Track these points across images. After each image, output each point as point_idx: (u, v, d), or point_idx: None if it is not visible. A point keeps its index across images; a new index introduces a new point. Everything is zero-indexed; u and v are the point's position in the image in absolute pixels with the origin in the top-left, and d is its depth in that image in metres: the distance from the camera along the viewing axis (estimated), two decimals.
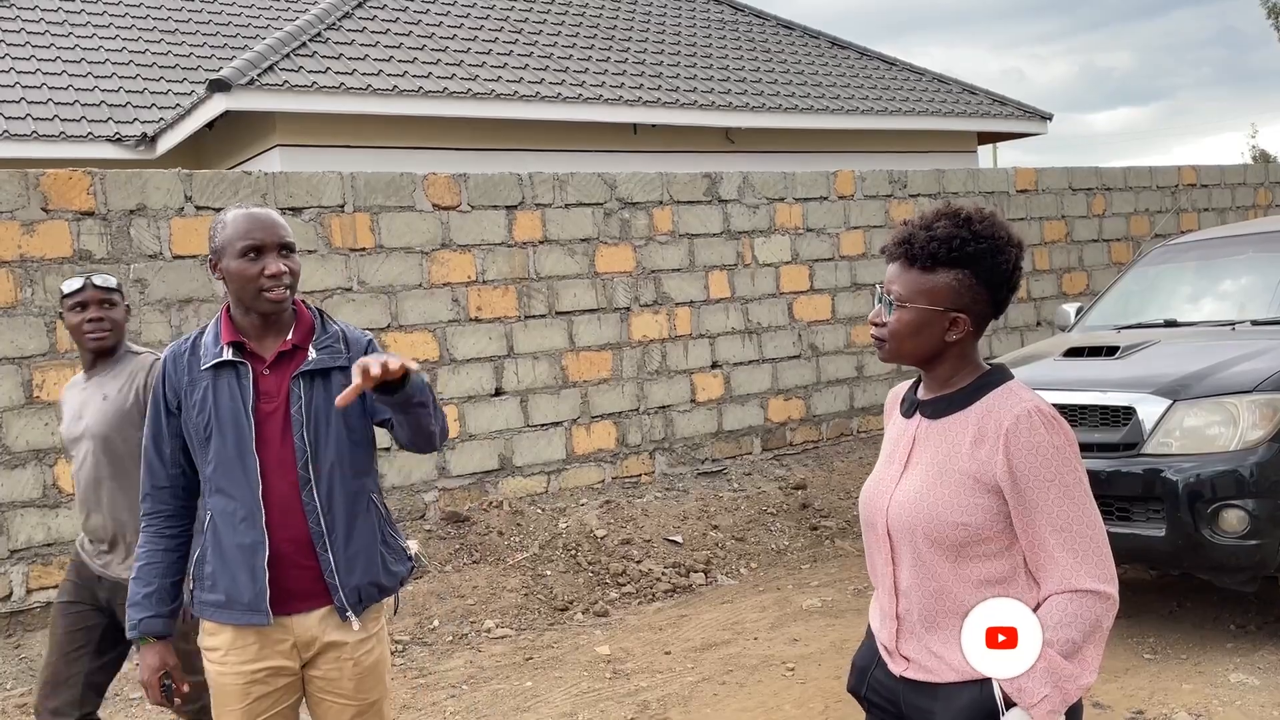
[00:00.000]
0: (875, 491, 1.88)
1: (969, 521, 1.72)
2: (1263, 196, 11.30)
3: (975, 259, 1.76)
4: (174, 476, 2.34)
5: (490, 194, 6.67)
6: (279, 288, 2.24)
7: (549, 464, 6.85)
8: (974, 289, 1.77)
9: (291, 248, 2.29)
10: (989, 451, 1.72)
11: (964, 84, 13.18)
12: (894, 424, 1.95)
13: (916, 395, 1.91)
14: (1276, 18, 27.07)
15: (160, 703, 2.37)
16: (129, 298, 5.51)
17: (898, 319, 1.80)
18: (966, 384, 1.81)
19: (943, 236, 1.76)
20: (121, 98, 10.11)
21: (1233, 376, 4.24)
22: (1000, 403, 1.75)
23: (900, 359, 1.84)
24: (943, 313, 1.77)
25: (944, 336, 1.79)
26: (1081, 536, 1.67)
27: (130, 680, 4.71)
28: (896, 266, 1.82)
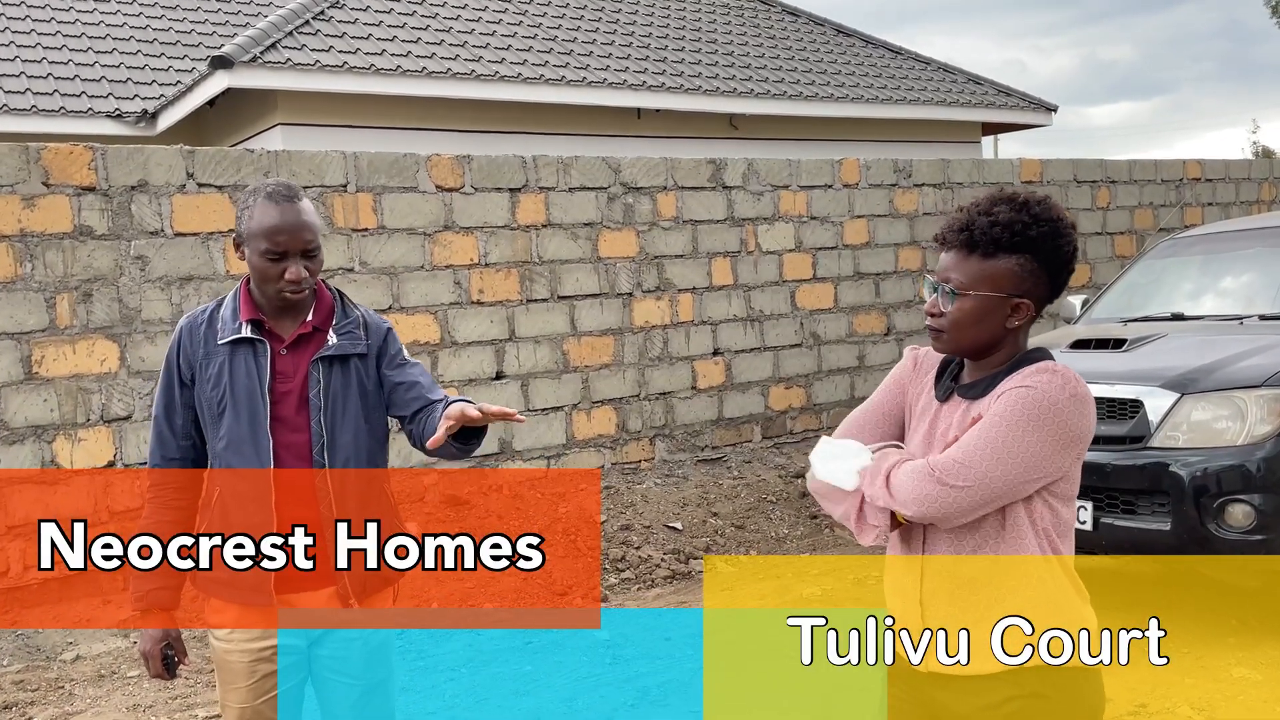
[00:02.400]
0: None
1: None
2: (1267, 191, 11.28)
3: (1036, 243, 1.76)
4: (185, 448, 2.31)
5: (494, 176, 6.62)
6: (297, 291, 2.22)
7: (549, 448, 6.82)
8: (1035, 273, 1.77)
9: (316, 247, 2.24)
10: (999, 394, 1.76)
11: (969, 74, 13.12)
12: (925, 401, 1.92)
13: (954, 382, 1.88)
14: None
15: (160, 674, 2.34)
16: (129, 275, 5.49)
17: (959, 308, 1.78)
18: (1010, 364, 1.81)
19: (1004, 221, 1.76)
20: (122, 73, 10.04)
21: (1241, 371, 4.22)
22: (1032, 369, 1.76)
23: (959, 350, 1.83)
24: (1005, 299, 1.77)
25: (1005, 323, 1.79)
26: (969, 452, 1.70)
27: (128, 659, 4.70)
28: (954, 255, 1.81)
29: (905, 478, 1.75)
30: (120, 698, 4.35)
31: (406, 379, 2.33)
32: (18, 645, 4.92)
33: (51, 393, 5.30)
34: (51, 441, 5.31)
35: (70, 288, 5.35)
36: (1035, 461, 1.71)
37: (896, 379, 1.99)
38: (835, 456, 1.84)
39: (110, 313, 5.45)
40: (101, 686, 4.45)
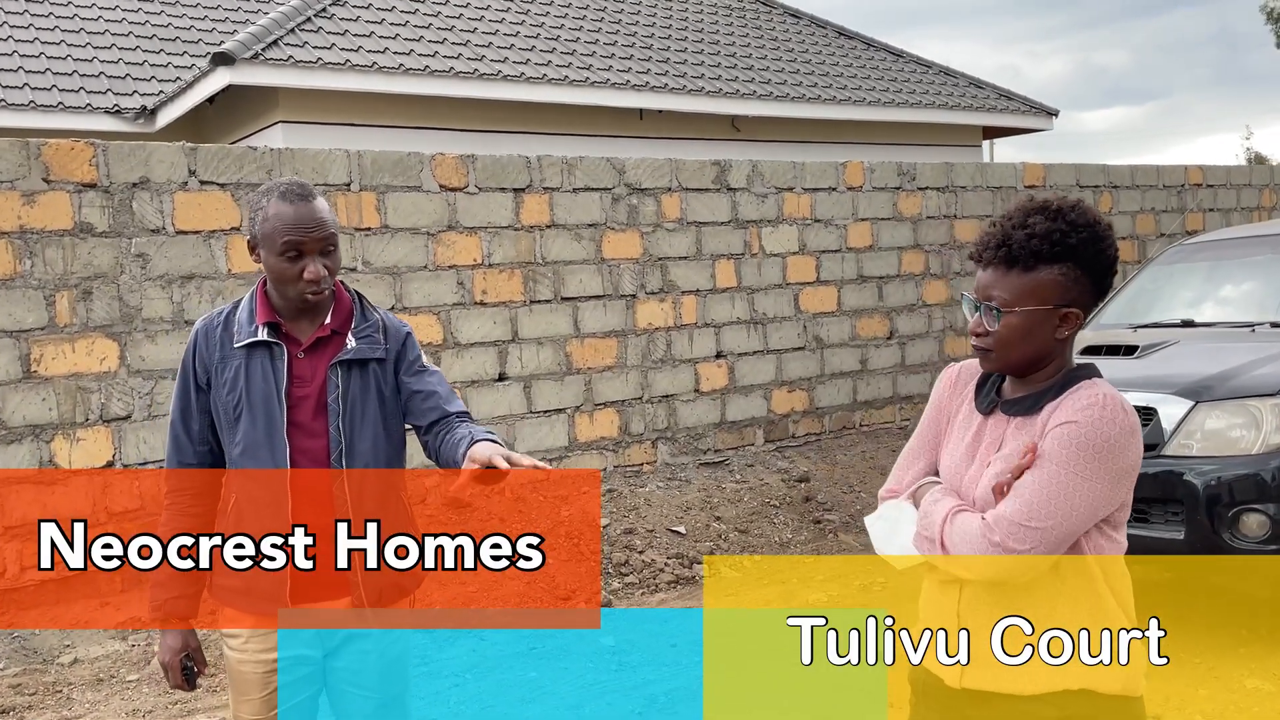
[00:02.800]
0: (960, 474, 1.82)
1: None
2: (1267, 198, 11.27)
3: (1077, 250, 1.72)
4: (201, 454, 2.27)
5: (498, 176, 6.57)
6: (317, 290, 2.16)
7: (551, 451, 6.77)
8: (1079, 281, 1.74)
9: (334, 243, 2.20)
10: (1055, 423, 1.71)
11: (970, 77, 13.10)
12: (965, 414, 1.88)
13: (996, 393, 1.84)
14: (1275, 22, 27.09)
15: (180, 685, 2.29)
16: (129, 273, 5.42)
17: (1006, 325, 1.74)
18: (1056, 379, 1.77)
19: (1042, 232, 1.72)
20: (121, 69, 9.97)
21: (1256, 379, 4.19)
22: (1084, 391, 1.72)
23: (1009, 367, 1.79)
24: (1052, 310, 1.73)
25: (1054, 335, 1.75)
26: (1029, 508, 1.65)
27: (127, 662, 4.64)
28: (993, 272, 1.76)
29: (963, 540, 1.70)
30: (119, 702, 4.29)
31: (425, 387, 2.28)
32: (14, 648, 4.86)
33: (50, 392, 5.23)
34: (50, 441, 5.25)
35: (70, 285, 5.29)
36: (1095, 504, 1.67)
37: (936, 404, 1.96)
38: (889, 535, 1.83)
39: (110, 311, 5.39)
40: (100, 691, 4.39)
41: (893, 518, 1.85)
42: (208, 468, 2.28)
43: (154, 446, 5.47)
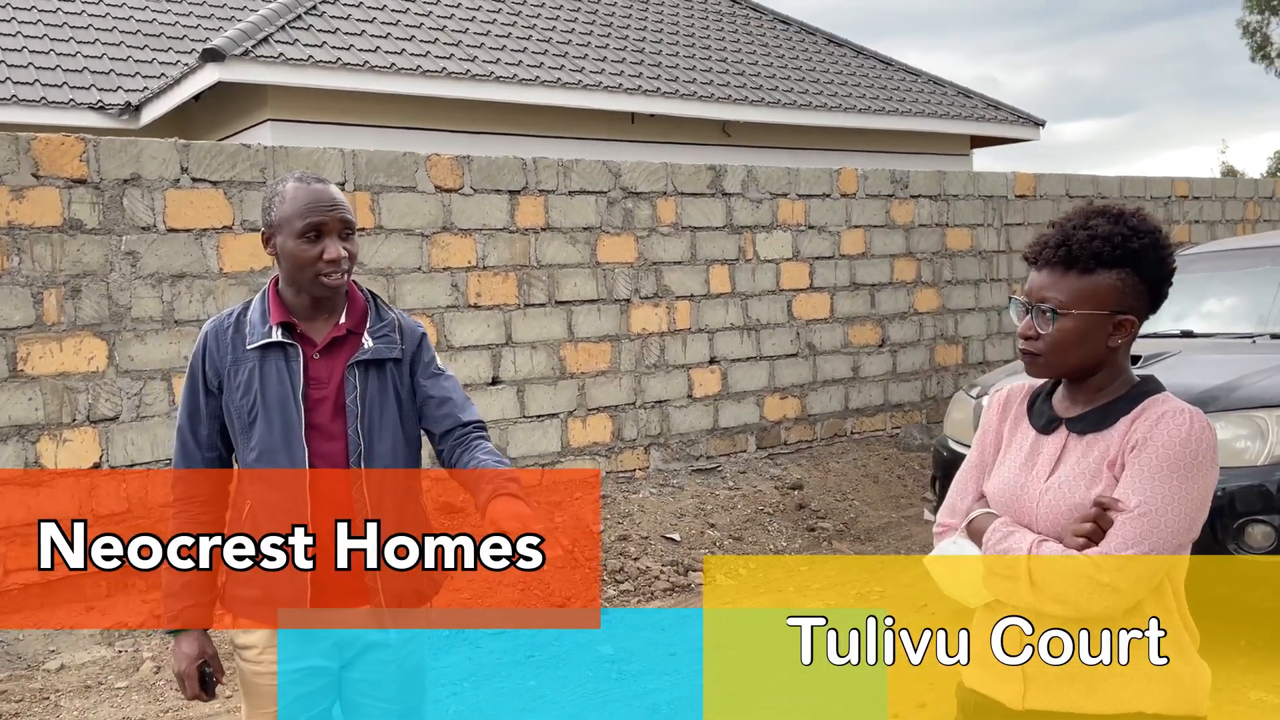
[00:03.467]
0: (1018, 495, 1.76)
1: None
2: (1251, 210, 11.37)
3: (1138, 255, 1.69)
4: (210, 460, 2.19)
5: (493, 177, 6.51)
6: (337, 273, 2.09)
7: (544, 456, 6.71)
8: (1137, 288, 1.70)
9: (353, 227, 2.14)
10: (1132, 443, 1.67)
11: (959, 87, 13.15)
12: (1020, 434, 1.83)
13: (1052, 409, 1.79)
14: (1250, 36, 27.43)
15: (199, 695, 2.21)
16: (119, 271, 5.32)
17: (1059, 329, 1.70)
18: (1122, 394, 1.73)
19: (1104, 235, 1.69)
20: (105, 64, 9.83)
21: (1261, 390, 4.19)
22: (1159, 406, 1.69)
23: (1060, 373, 1.75)
24: (1108, 316, 1.69)
25: (1108, 342, 1.70)
26: (1138, 524, 1.58)
27: (115, 669, 4.54)
28: (1049, 273, 1.72)
29: (1061, 578, 1.62)
30: (109, 710, 4.19)
31: (440, 393, 2.23)
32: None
33: (37, 391, 5.12)
34: (35, 442, 5.13)
35: (58, 283, 5.18)
36: (1193, 524, 1.64)
37: (988, 429, 1.90)
38: (952, 574, 1.76)
39: (99, 310, 5.29)
40: (89, 698, 4.29)
41: (953, 554, 1.79)
42: (216, 474, 2.22)
43: (141, 448, 5.37)
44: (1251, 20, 27.18)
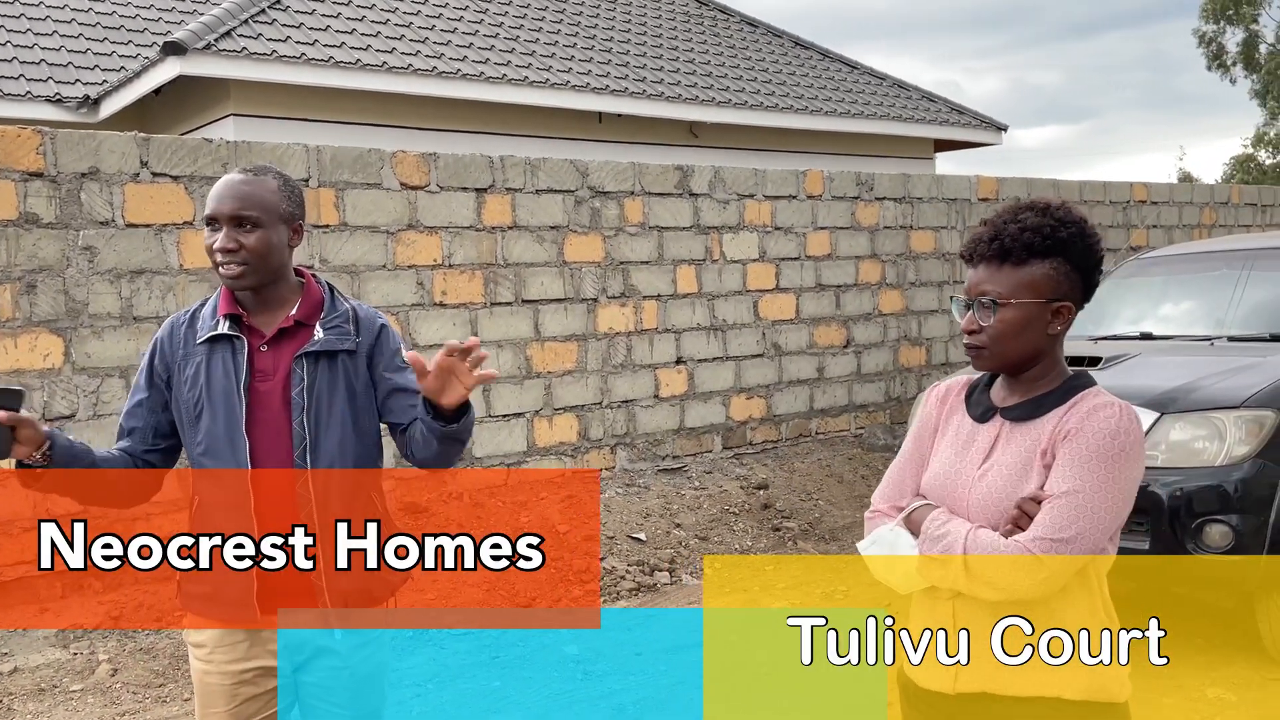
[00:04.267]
0: (952, 483, 1.82)
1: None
2: (1208, 216, 11.56)
3: (1067, 245, 1.77)
4: (149, 453, 2.18)
5: (460, 175, 6.46)
6: (228, 264, 2.07)
7: (509, 455, 6.67)
8: (1069, 275, 1.78)
9: (251, 221, 2.07)
10: (1064, 432, 1.73)
11: (923, 91, 13.26)
12: (956, 424, 1.89)
13: (990, 400, 1.85)
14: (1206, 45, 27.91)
15: None
16: (76, 266, 5.22)
17: (1000, 319, 1.76)
18: (1056, 386, 1.79)
19: (1033, 226, 1.76)
20: (63, 57, 9.65)
21: (1220, 391, 4.25)
22: (1090, 399, 1.75)
23: (1003, 364, 1.80)
24: (1046, 304, 1.76)
25: (1047, 330, 1.77)
26: (1066, 509, 1.65)
27: (70, 672, 4.45)
28: (985, 268, 1.80)
29: (993, 561, 1.68)
30: (63, 713, 4.10)
31: (407, 384, 2.18)
32: None
33: None
34: None
35: (13, 278, 5.08)
36: (1120, 511, 1.70)
37: (924, 422, 1.96)
38: (888, 560, 1.82)
39: (55, 305, 5.18)
40: (43, 701, 4.20)
41: (889, 541, 1.83)
42: (153, 466, 2.19)
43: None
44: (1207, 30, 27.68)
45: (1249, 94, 27.89)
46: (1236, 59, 27.41)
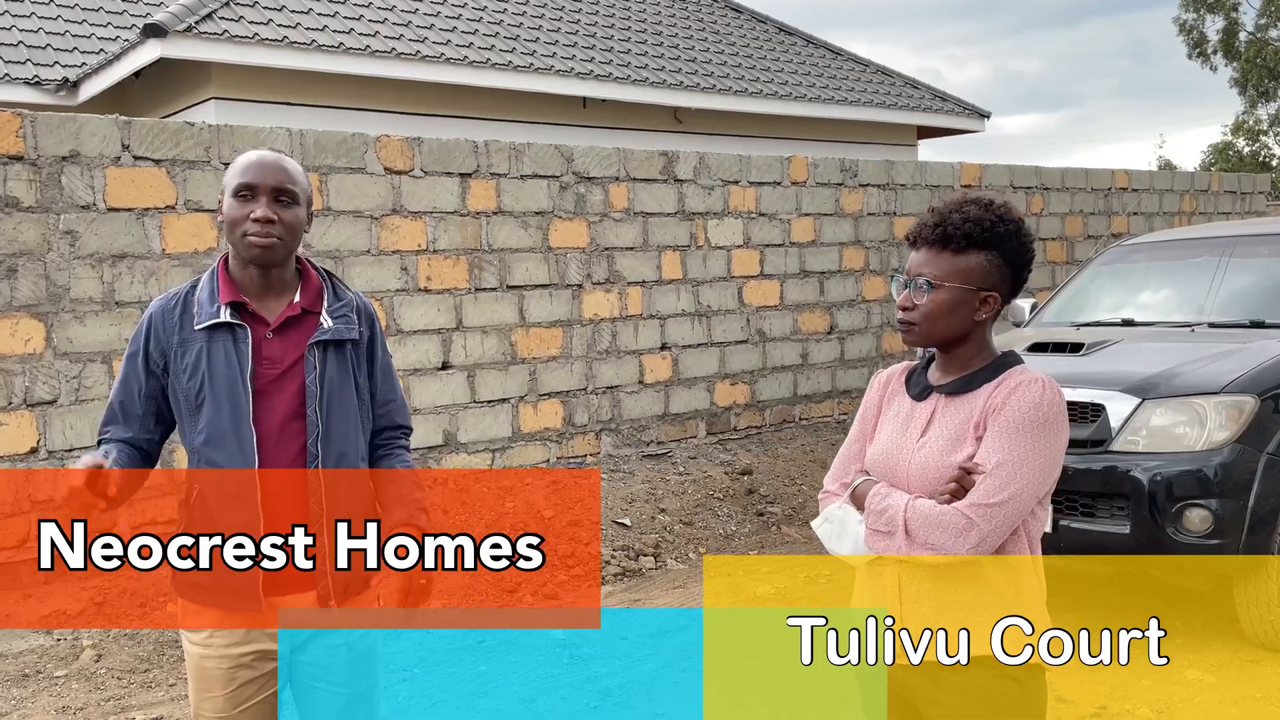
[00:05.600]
0: (893, 457, 1.95)
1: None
2: (1188, 203, 11.65)
3: (1003, 240, 1.90)
4: (146, 441, 2.14)
5: (444, 160, 6.44)
6: (264, 235, 2.04)
7: (494, 441, 6.67)
8: (1001, 268, 1.91)
9: (291, 196, 2.09)
10: (993, 407, 1.87)
11: (906, 77, 13.28)
12: (896, 404, 2.04)
13: (927, 380, 2.00)
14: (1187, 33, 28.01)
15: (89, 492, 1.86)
16: (57, 250, 5.18)
17: (932, 300, 1.90)
18: (986, 364, 1.93)
19: (975, 218, 1.89)
20: (41, 39, 9.54)
21: (1200, 377, 4.29)
22: (1016, 376, 1.89)
23: (930, 341, 1.94)
24: (975, 291, 1.90)
25: (974, 315, 1.91)
26: (997, 477, 1.79)
27: (54, 657, 4.43)
28: (926, 252, 1.93)
29: (932, 526, 1.81)
30: (48, 699, 4.09)
31: (385, 392, 2.27)
32: None
33: None
34: None
35: None
36: (1047, 474, 1.83)
37: (868, 406, 2.10)
38: (838, 535, 1.96)
39: (36, 290, 5.14)
40: (26, 687, 4.18)
41: (838, 518, 1.98)
42: (141, 454, 2.14)
43: (81, 432, 5.24)
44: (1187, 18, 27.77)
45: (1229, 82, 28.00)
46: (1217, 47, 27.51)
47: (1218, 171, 14.20)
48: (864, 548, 1.90)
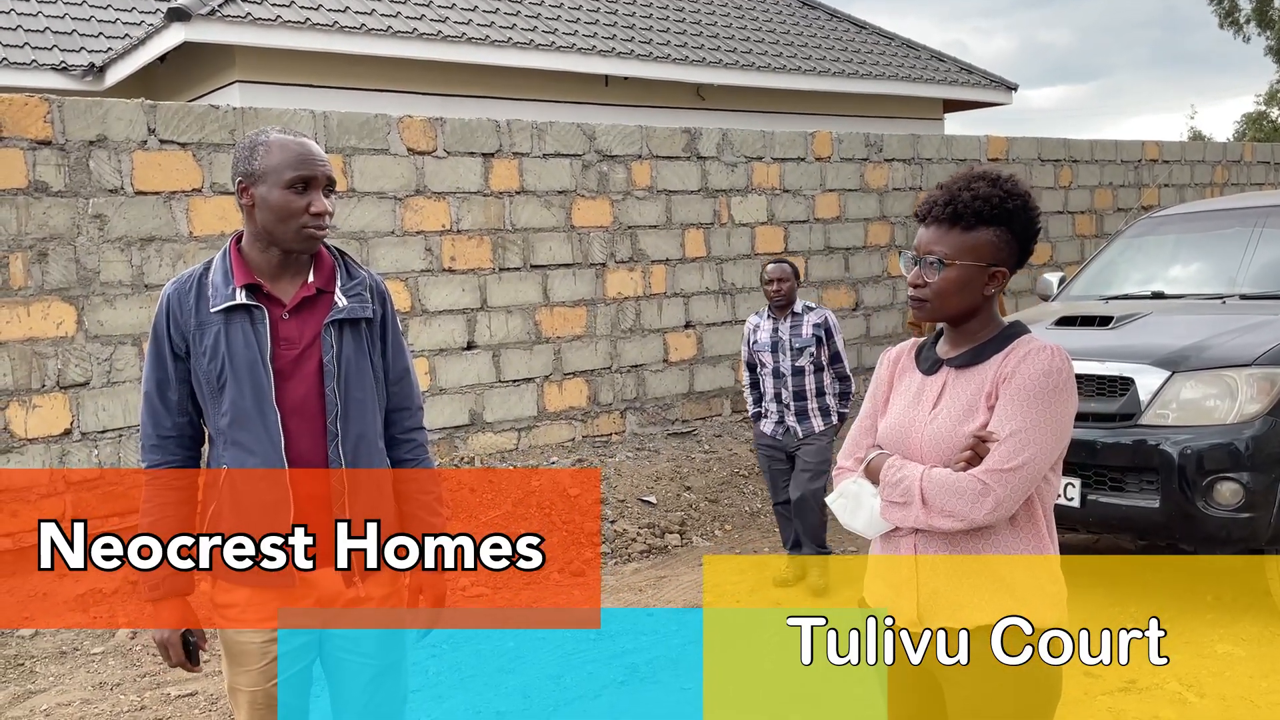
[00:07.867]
0: (905, 430, 1.96)
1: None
2: (1220, 174, 11.47)
3: (1012, 215, 1.91)
4: (181, 425, 2.15)
5: (467, 140, 6.44)
6: (321, 229, 2.08)
7: (520, 420, 6.70)
8: (1010, 244, 1.93)
9: (335, 186, 2.13)
10: (1003, 376, 1.89)
11: (932, 50, 13.13)
12: (907, 380, 2.05)
13: (936, 354, 2.01)
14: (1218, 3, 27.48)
15: (183, 663, 2.19)
16: (86, 234, 5.23)
17: (944, 278, 1.91)
18: (994, 335, 1.95)
19: (985, 195, 1.90)
20: (67, 24, 9.61)
21: (1232, 349, 4.23)
22: (1024, 345, 1.91)
23: (942, 317, 1.96)
24: (984, 268, 1.91)
25: (984, 291, 1.93)
26: (1011, 443, 1.81)
27: (90, 635, 4.51)
28: (936, 229, 1.94)
29: (950, 493, 1.82)
30: (84, 675, 4.16)
31: (395, 368, 2.27)
32: None
33: (5, 357, 5.04)
34: (4, 408, 5.06)
35: (24, 247, 5.09)
36: (1059, 439, 1.84)
37: (878, 383, 2.11)
38: (853, 510, 1.97)
39: (67, 274, 5.20)
40: (64, 664, 4.26)
41: (853, 493, 1.98)
42: (188, 440, 2.17)
43: (113, 414, 5.31)
44: None
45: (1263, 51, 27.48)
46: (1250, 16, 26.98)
47: (1250, 142, 13.94)
48: (879, 521, 1.92)
